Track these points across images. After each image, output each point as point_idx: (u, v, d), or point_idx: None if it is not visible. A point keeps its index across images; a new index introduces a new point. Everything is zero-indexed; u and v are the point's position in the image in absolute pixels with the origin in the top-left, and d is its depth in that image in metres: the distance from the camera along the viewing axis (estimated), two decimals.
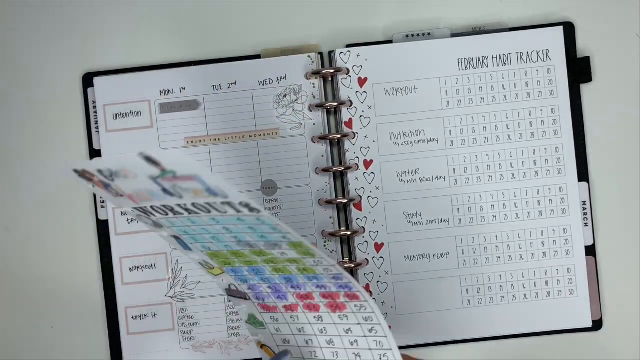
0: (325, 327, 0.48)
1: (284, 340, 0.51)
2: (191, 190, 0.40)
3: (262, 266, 0.47)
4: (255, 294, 0.50)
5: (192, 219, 0.44)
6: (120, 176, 0.42)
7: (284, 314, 0.50)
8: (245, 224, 0.42)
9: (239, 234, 0.44)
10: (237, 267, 0.48)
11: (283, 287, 0.48)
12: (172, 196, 0.41)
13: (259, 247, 0.45)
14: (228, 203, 0.40)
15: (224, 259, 0.48)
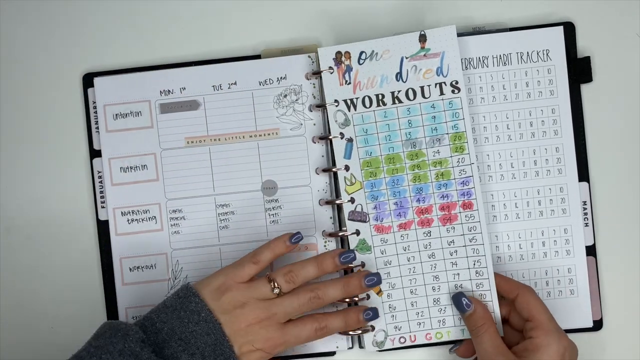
0: (430, 242, 0.61)
1: (386, 262, 0.61)
2: (423, 71, 0.60)
3: (404, 175, 0.61)
4: (377, 214, 0.61)
5: (389, 110, 0.61)
6: (376, 58, 0.60)
7: (396, 233, 0.61)
8: (435, 110, 0.60)
9: (416, 128, 0.60)
10: (379, 179, 0.61)
11: (409, 201, 0.61)
12: (398, 81, 0.60)
13: (421, 146, 0.60)
14: (444, 83, 0.60)
15: (375, 167, 0.61)
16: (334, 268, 0.58)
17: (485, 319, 0.58)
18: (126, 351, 0.51)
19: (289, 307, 0.56)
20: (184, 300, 0.55)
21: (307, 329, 0.57)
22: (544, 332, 0.55)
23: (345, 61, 0.61)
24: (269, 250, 0.58)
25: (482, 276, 0.60)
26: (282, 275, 0.57)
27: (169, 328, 0.54)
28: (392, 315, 0.61)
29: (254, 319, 0.55)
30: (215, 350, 0.54)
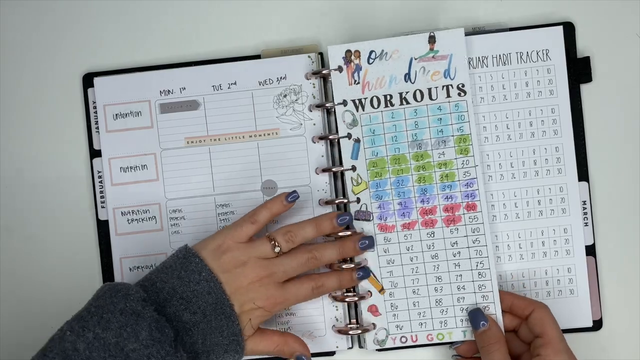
0: (433, 243, 0.61)
1: (389, 261, 0.62)
2: (431, 73, 0.61)
3: (409, 176, 0.61)
4: (381, 214, 0.62)
5: (397, 111, 0.61)
6: (385, 58, 0.61)
7: (400, 232, 0.61)
8: (442, 112, 0.61)
9: (422, 129, 0.61)
10: (384, 179, 0.61)
11: (413, 201, 0.61)
12: (406, 82, 0.61)
13: (426, 148, 0.61)
14: (451, 85, 0.61)
15: (381, 167, 0.61)
16: (332, 229, 0.59)
17: (498, 338, 0.58)
18: (127, 310, 0.52)
19: (288, 267, 0.57)
20: (183, 261, 0.56)
21: (305, 287, 0.58)
22: (554, 351, 0.55)
23: (354, 60, 0.61)
24: (266, 210, 0.59)
25: (484, 278, 0.61)
26: (281, 234, 0.58)
27: (169, 288, 0.55)
28: (394, 314, 0.62)
29: (255, 277, 0.56)
30: (216, 309, 0.55)
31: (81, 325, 0.51)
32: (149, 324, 0.51)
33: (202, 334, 0.54)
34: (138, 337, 0.51)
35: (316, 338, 0.63)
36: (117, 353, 0.50)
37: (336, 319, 0.63)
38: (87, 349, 0.50)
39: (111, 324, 0.51)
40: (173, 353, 0.52)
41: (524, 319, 0.59)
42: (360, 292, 0.62)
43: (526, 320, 0.58)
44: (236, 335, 0.55)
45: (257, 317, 0.57)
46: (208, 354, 0.55)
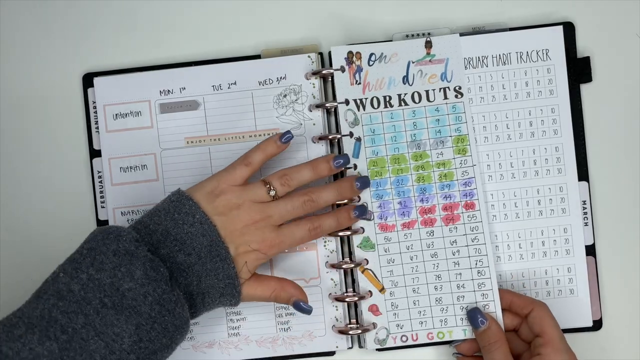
0: (433, 242, 0.62)
1: (389, 261, 0.62)
2: (428, 76, 0.62)
3: (408, 175, 0.62)
4: (381, 213, 0.62)
5: (396, 112, 0.62)
6: (384, 60, 0.62)
7: (399, 232, 0.62)
8: (439, 113, 0.62)
9: (421, 130, 0.62)
10: (384, 178, 0.62)
11: (413, 200, 0.62)
12: (404, 84, 0.62)
13: (425, 148, 0.62)
14: (448, 87, 0.62)
15: (381, 167, 0.62)
16: (328, 172, 0.59)
17: (498, 336, 0.58)
18: (121, 251, 0.51)
19: (284, 210, 0.57)
20: (177, 204, 0.55)
21: (301, 229, 0.57)
22: (554, 350, 0.55)
23: (356, 61, 0.62)
24: (259, 151, 0.58)
25: (484, 276, 0.61)
26: (277, 178, 0.57)
27: (162, 229, 0.54)
28: (394, 314, 0.62)
29: (249, 220, 0.55)
30: (211, 252, 0.54)
31: (74, 267, 0.50)
32: (143, 264, 0.51)
33: (196, 275, 0.54)
34: (133, 277, 0.50)
35: (316, 338, 0.63)
36: (113, 293, 0.49)
37: (336, 319, 0.63)
38: (82, 289, 0.49)
39: (105, 265, 0.50)
40: (169, 291, 0.51)
41: (524, 317, 0.59)
42: (361, 292, 0.62)
43: (526, 319, 0.58)
44: (232, 278, 0.55)
45: (253, 260, 0.56)
46: (203, 296, 0.54)
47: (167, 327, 0.51)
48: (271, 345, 0.63)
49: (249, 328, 0.63)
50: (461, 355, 0.61)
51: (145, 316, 0.50)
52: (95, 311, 0.49)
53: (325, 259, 0.63)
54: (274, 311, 0.63)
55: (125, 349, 0.49)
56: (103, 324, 0.49)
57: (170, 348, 0.52)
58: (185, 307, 0.53)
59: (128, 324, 0.49)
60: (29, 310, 0.49)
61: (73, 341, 0.48)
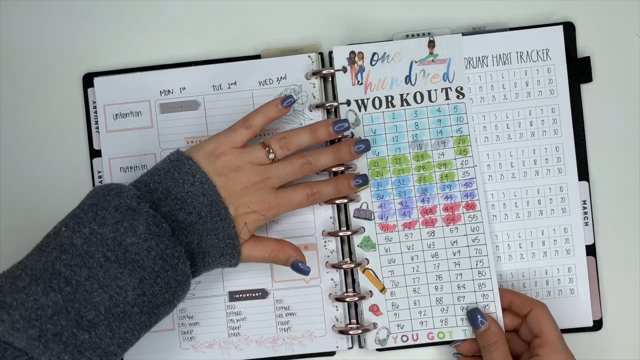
0: (434, 242, 0.62)
1: (390, 260, 0.62)
2: (431, 76, 0.62)
3: (410, 176, 0.62)
4: (382, 213, 0.62)
5: (398, 112, 0.62)
6: (387, 60, 0.62)
7: (400, 232, 0.62)
8: (441, 114, 0.62)
9: (422, 130, 0.62)
10: (385, 178, 0.62)
11: (414, 201, 0.62)
12: (407, 84, 0.62)
13: (426, 148, 0.62)
14: (450, 88, 0.62)
15: (382, 167, 0.62)
16: (327, 136, 0.59)
17: (498, 337, 0.58)
18: (122, 206, 0.51)
19: (282, 172, 0.57)
20: (176, 164, 0.55)
21: (299, 193, 0.58)
22: (552, 350, 0.55)
23: (358, 61, 0.62)
24: (261, 114, 0.58)
25: (484, 276, 0.61)
26: (276, 141, 0.57)
27: (163, 188, 0.54)
28: (395, 313, 0.62)
29: (249, 181, 0.56)
30: (211, 211, 0.54)
31: (76, 222, 0.51)
32: (146, 219, 0.51)
33: (197, 234, 0.54)
34: (136, 232, 0.50)
35: (316, 338, 0.63)
36: (116, 247, 0.50)
37: (336, 319, 0.63)
38: (84, 243, 0.49)
39: (107, 220, 0.50)
40: (172, 247, 0.51)
41: (523, 317, 0.59)
42: (361, 292, 0.62)
43: (525, 320, 0.58)
44: (232, 238, 0.55)
45: (253, 221, 0.56)
46: (204, 255, 0.55)
47: (170, 282, 0.51)
48: (271, 345, 0.63)
49: (249, 328, 0.63)
50: (461, 356, 0.61)
51: (149, 270, 0.50)
52: (98, 264, 0.49)
53: (326, 259, 0.63)
54: (274, 311, 0.63)
55: (129, 302, 0.49)
56: (107, 277, 0.49)
57: (172, 304, 0.53)
58: (187, 263, 0.53)
59: (132, 278, 0.49)
60: (32, 263, 0.49)
61: (77, 293, 0.48)
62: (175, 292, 0.52)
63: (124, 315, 0.49)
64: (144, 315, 0.51)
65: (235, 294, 0.63)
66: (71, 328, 0.47)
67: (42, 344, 0.46)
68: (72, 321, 0.47)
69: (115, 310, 0.49)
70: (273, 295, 0.63)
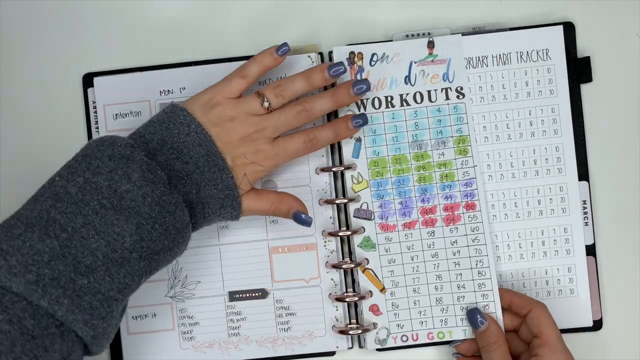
0: (433, 242, 0.62)
1: (390, 260, 0.62)
2: (430, 76, 0.62)
3: (410, 176, 0.62)
4: (382, 213, 0.62)
5: (397, 112, 0.62)
6: (386, 60, 0.62)
7: (400, 232, 0.62)
8: (441, 114, 0.62)
9: (422, 130, 0.62)
10: (385, 178, 0.62)
11: (414, 201, 0.62)
12: (406, 84, 0.62)
13: (426, 148, 0.62)
14: (450, 88, 0.62)
15: (382, 167, 0.62)
16: (323, 81, 0.58)
17: (498, 336, 0.58)
18: (116, 155, 0.50)
19: (278, 121, 0.56)
20: (171, 115, 0.55)
21: (296, 141, 0.57)
22: (551, 350, 0.55)
23: (357, 62, 0.62)
24: (256, 63, 0.57)
25: (484, 276, 0.61)
26: (271, 89, 0.57)
27: (159, 138, 0.54)
28: (395, 313, 0.62)
29: (244, 132, 0.55)
30: (208, 161, 0.54)
31: (70, 172, 0.50)
32: (140, 166, 0.50)
33: (195, 184, 0.53)
34: (130, 179, 0.50)
35: (316, 338, 0.63)
36: (111, 195, 0.49)
37: (336, 319, 0.63)
38: (79, 192, 0.49)
39: (100, 169, 0.50)
40: (168, 193, 0.51)
41: (523, 317, 0.59)
42: (361, 292, 0.62)
43: (525, 320, 0.58)
44: (231, 189, 0.55)
45: (252, 172, 0.56)
46: (203, 206, 0.54)
47: (168, 228, 0.51)
48: (271, 345, 0.63)
49: (249, 328, 0.63)
50: (461, 355, 0.61)
51: (146, 216, 0.50)
52: (94, 212, 0.49)
53: (326, 259, 0.63)
54: (274, 311, 0.63)
55: (127, 248, 0.49)
56: (103, 223, 0.49)
57: (172, 251, 0.52)
58: (185, 211, 0.52)
59: (128, 224, 0.49)
60: (27, 212, 0.49)
61: (73, 239, 0.48)
62: (175, 240, 0.52)
63: (122, 260, 0.49)
64: (143, 260, 0.50)
65: (235, 294, 0.63)
66: (69, 273, 0.47)
67: (40, 288, 0.46)
68: (70, 266, 0.47)
69: (114, 256, 0.48)
70: (273, 295, 0.63)
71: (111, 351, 0.63)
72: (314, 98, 0.58)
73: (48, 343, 0.46)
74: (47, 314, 0.46)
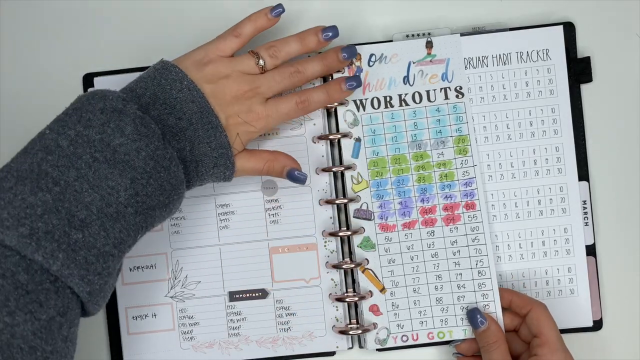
0: (433, 242, 0.62)
1: (390, 261, 0.62)
2: (429, 76, 0.62)
3: (409, 175, 0.62)
4: (382, 213, 0.62)
5: (396, 112, 0.62)
6: (385, 61, 0.62)
7: (400, 232, 0.62)
8: (440, 114, 0.62)
9: (422, 130, 0.62)
10: (385, 178, 0.62)
11: (413, 200, 0.62)
12: (405, 84, 0.62)
13: (426, 148, 0.62)
14: (449, 88, 0.62)
15: (381, 167, 0.62)
16: (316, 44, 0.58)
17: (498, 336, 0.58)
18: (108, 108, 0.49)
19: (272, 81, 0.56)
20: (162, 71, 0.54)
21: (288, 102, 0.57)
22: (551, 350, 0.55)
23: (356, 62, 0.62)
24: (250, 23, 0.57)
25: (484, 276, 0.61)
26: (265, 49, 0.57)
27: (151, 93, 0.52)
28: (395, 313, 0.62)
29: (238, 90, 0.55)
30: (202, 118, 0.53)
31: (60, 125, 0.49)
32: (133, 120, 0.49)
33: (189, 141, 0.53)
34: (123, 132, 0.49)
35: (316, 338, 0.63)
36: (104, 148, 0.48)
37: (336, 319, 0.63)
38: (70, 145, 0.48)
39: (92, 122, 0.49)
40: (163, 148, 0.50)
41: (523, 317, 0.59)
42: (361, 292, 0.62)
43: (525, 319, 0.58)
44: (224, 148, 0.54)
45: (244, 132, 0.55)
46: (197, 164, 0.54)
47: (163, 184, 0.50)
48: (271, 345, 0.63)
49: (249, 328, 0.63)
50: (461, 355, 0.61)
51: (140, 170, 0.49)
52: (87, 165, 0.47)
53: (326, 259, 0.63)
54: (274, 311, 0.63)
55: (122, 202, 0.48)
56: (96, 177, 0.47)
57: (168, 208, 0.51)
58: (179, 167, 0.52)
59: (123, 178, 0.48)
60: (17, 164, 0.47)
61: (67, 193, 0.46)
62: (170, 196, 0.51)
63: (117, 215, 0.48)
64: (139, 215, 0.49)
65: (235, 294, 0.63)
66: (63, 227, 0.45)
67: (34, 241, 0.44)
68: (64, 220, 0.46)
69: (108, 210, 0.47)
70: (273, 295, 0.63)
71: (111, 351, 0.63)
72: (306, 61, 0.58)
73: (42, 298, 0.45)
74: (42, 268, 0.45)
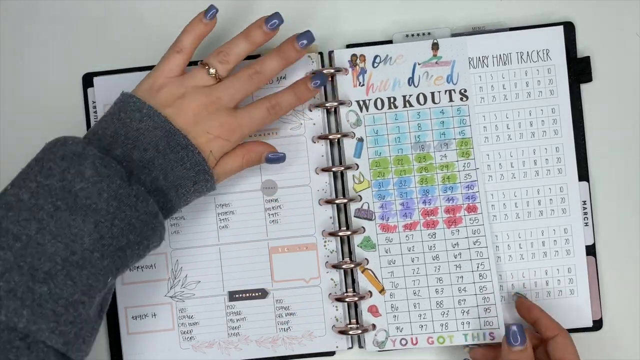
0: (435, 244, 0.62)
1: (390, 261, 0.62)
2: (434, 78, 0.62)
3: (411, 177, 0.62)
4: (382, 214, 0.62)
5: (400, 113, 0.62)
6: (389, 62, 0.62)
7: (401, 233, 0.62)
8: (444, 116, 0.62)
9: (425, 131, 0.62)
10: (387, 179, 0.62)
11: (415, 202, 0.62)
12: (410, 85, 0.62)
13: (429, 150, 0.62)
14: (453, 90, 0.62)
15: (383, 167, 0.62)
16: (263, 36, 0.57)
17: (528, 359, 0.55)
18: (68, 154, 0.49)
19: (232, 88, 0.55)
20: (121, 105, 0.53)
21: (258, 108, 0.56)
22: None
23: (360, 63, 0.62)
24: (188, 34, 0.56)
25: (485, 279, 0.61)
26: (214, 56, 0.56)
27: (111, 132, 0.52)
28: (394, 315, 0.62)
29: (198, 106, 0.54)
30: (169, 143, 0.52)
31: (22, 178, 0.49)
32: (93, 162, 0.49)
33: (161, 169, 0.52)
34: (84, 176, 0.48)
35: (316, 338, 0.63)
36: (65, 195, 0.47)
37: (336, 319, 0.63)
38: (32, 197, 0.47)
39: (53, 170, 0.48)
40: (126, 186, 0.49)
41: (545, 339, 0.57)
42: (361, 292, 0.62)
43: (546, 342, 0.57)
44: (200, 164, 0.53)
45: (218, 147, 0.54)
46: (176, 188, 0.53)
47: (131, 222, 0.49)
48: (271, 345, 0.63)
49: (249, 328, 0.63)
50: None
51: (103, 212, 0.48)
52: (48, 215, 0.47)
53: (325, 259, 0.63)
54: (274, 311, 0.63)
55: (86, 248, 0.47)
56: (59, 226, 0.47)
57: (142, 245, 0.51)
58: (149, 201, 0.51)
59: (85, 223, 0.47)
60: None
61: (29, 247, 0.46)
62: (142, 232, 0.50)
63: (83, 261, 0.47)
64: (106, 259, 0.48)
65: (235, 293, 0.63)
66: (26, 282, 0.45)
67: None
68: (26, 275, 0.45)
69: (73, 258, 0.47)
70: (273, 295, 0.63)
71: (111, 351, 0.63)
72: (262, 59, 0.57)
73: (13, 357, 0.44)
74: (8, 327, 0.45)
